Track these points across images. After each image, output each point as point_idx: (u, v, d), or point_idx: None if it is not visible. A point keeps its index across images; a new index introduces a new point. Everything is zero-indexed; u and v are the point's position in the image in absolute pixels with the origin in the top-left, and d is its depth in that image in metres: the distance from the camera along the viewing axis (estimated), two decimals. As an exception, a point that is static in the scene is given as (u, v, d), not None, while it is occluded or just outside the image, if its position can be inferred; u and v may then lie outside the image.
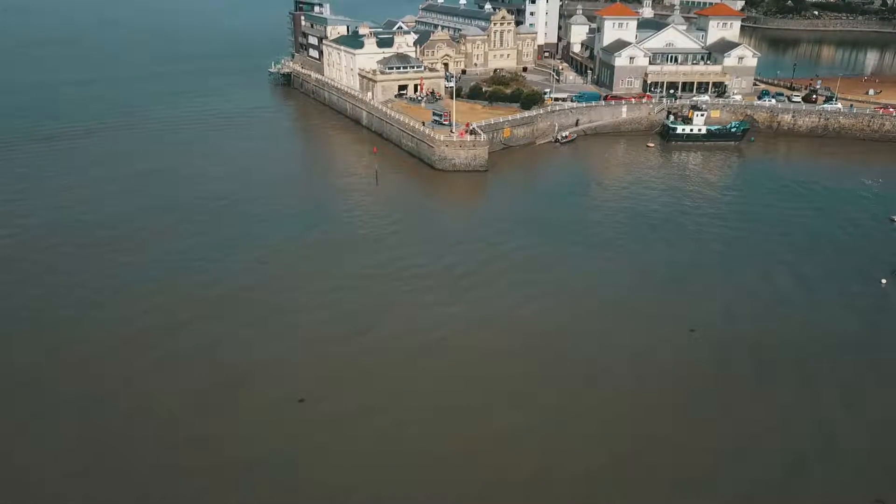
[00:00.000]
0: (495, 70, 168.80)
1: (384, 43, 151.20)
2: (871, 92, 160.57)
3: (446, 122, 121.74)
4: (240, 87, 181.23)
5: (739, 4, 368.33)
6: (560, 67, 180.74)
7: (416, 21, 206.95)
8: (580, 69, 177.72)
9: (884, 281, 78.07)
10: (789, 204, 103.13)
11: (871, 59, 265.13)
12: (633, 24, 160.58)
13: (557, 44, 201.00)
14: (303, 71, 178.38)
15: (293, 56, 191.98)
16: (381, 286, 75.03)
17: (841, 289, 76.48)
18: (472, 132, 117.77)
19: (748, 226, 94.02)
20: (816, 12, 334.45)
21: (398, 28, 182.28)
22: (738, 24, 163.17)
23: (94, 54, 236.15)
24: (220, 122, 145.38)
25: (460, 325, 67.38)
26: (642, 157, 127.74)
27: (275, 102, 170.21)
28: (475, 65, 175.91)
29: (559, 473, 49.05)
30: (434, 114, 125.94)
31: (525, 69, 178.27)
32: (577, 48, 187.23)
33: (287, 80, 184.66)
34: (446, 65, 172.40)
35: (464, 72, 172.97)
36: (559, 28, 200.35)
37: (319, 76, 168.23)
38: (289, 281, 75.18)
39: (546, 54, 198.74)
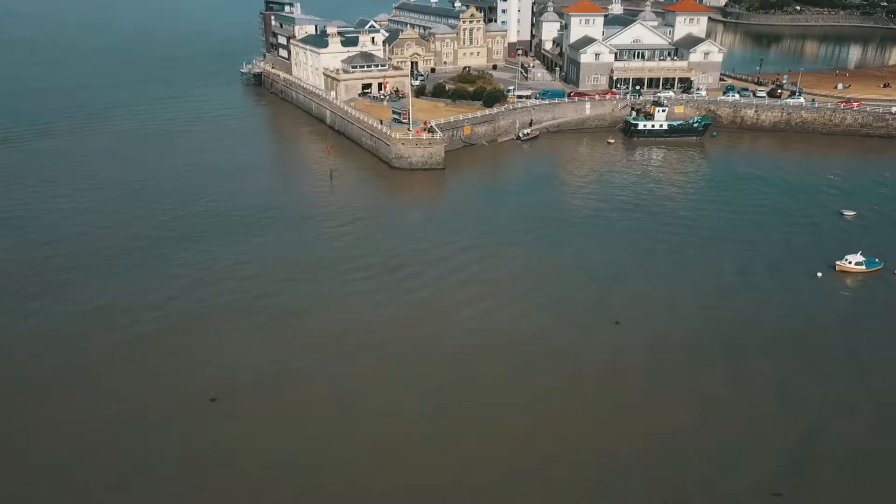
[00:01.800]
0: (465, 68, 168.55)
1: (349, 42, 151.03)
2: (840, 86, 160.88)
3: (405, 121, 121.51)
4: (210, 87, 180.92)
5: (723, 0, 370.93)
6: (532, 65, 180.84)
7: (388, 20, 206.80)
8: (551, 66, 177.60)
9: (819, 274, 78.06)
10: (743, 198, 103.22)
11: (849, 53, 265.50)
12: (600, 20, 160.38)
13: (531, 41, 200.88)
14: (272, 71, 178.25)
15: (265, 56, 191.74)
16: (318, 286, 74.81)
17: (778, 282, 76.56)
18: (430, 130, 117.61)
19: (698, 220, 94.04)
20: (798, 7, 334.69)
21: (369, 27, 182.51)
22: (704, 19, 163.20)
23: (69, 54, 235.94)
24: (184, 121, 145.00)
25: (397, 324, 66.93)
26: (602, 153, 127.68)
27: (243, 102, 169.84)
28: (445, 63, 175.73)
29: (482, 472, 49.01)
30: (394, 112, 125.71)
31: (495, 67, 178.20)
32: (548, 45, 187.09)
33: (258, 81, 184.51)
34: (415, 63, 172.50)
35: (433, 70, 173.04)
36: (532, 25, 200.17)
37: (288, 76, 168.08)
38: (226, 285, 74.49)
39: (520, 52, 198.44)
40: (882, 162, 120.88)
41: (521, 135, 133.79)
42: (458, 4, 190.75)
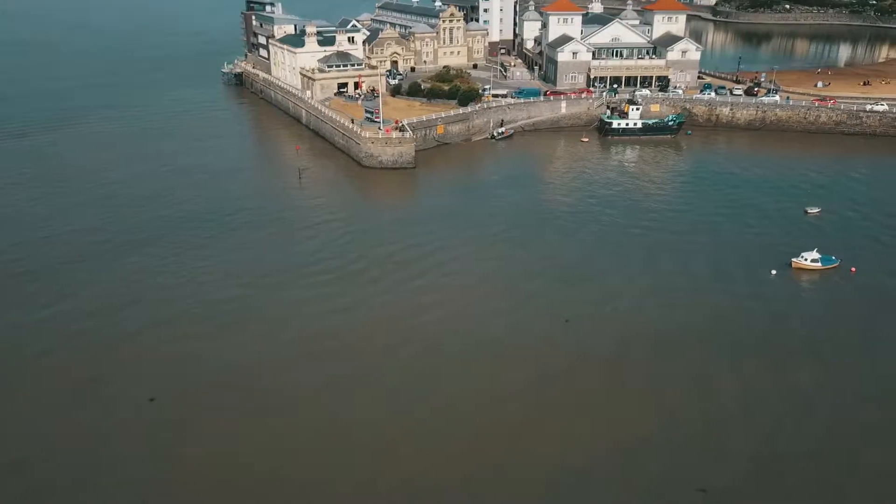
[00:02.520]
0: (444, 67, 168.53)
1: (326, 41, 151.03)
2: (820, 84, 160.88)
3: (378, 120, 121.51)
4: (191, 87, 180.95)
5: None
6: (513, 64, 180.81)
7: (371, 19, 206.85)
8: (532, 65, 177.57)
9: (774, 272, 78.02)
10: (711, 197, 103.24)
11: (838, 51, 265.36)
12: (578, 19, 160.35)
13: (514, 40, 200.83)
14: (253, 71, 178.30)
15: (246, 56, 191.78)
16: (275, 290, 74.77)
17: (733, 279, 76.51)
18: (400, 129, 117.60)
19: (663, 219, 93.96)
20: (788, 6, 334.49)
21: (351, 26, 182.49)
22: (683, 18, 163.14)
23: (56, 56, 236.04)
24: (160, 122, 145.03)
25: (356, 327, 66.58)
26: (575, 151, 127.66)
27: (222, 103, 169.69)
28: (425, 62, 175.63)
29: (433, 475, 49.07)
30: (366, 111, 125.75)
31: (475, 66, 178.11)
32: (529, 44, 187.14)
33: (239, 80, 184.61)
34: (395, 62, 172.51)
35: (413, 69, 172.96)
36: (515, 24, 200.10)
37: (267, 76, 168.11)
38: (186, 289, 74.28)
39: (503, 51, 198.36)
40: (853, 160, 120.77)
41: (495, 134, 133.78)
42: (438, 4, 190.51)
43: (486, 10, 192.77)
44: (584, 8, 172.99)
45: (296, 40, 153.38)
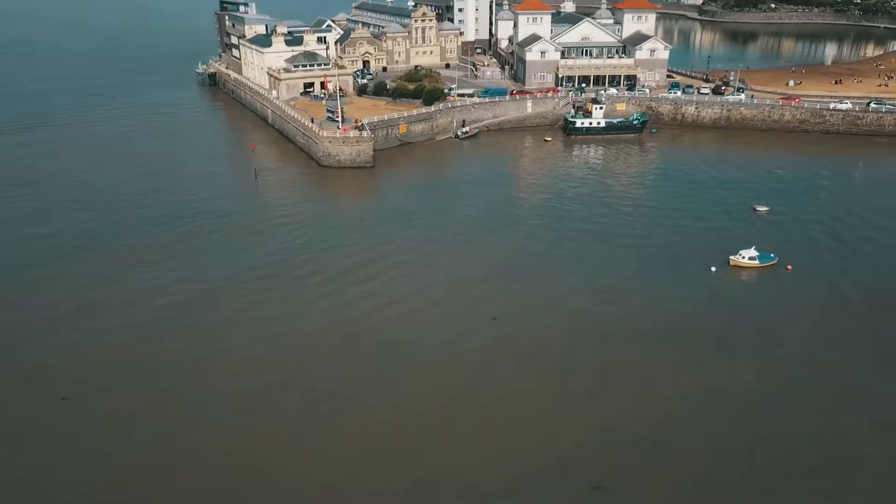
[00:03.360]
0: (416, 67, 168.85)
1: (294, 41, 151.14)
2: (791, 83, 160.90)
3: (339, 119, 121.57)
4: (165, 87, 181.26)
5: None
6: (487, 63, 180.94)
7: (347, 19, 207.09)
8: (505, 64, 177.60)
9: (713, 269, 78.07)
10: (664, 195, 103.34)
11: (823, 50, 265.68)
12: (548, 18, 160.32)
13: (490, 40, 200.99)
14: (225, 71, 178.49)
15: (220, 56, 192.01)
16: (215, 291, 74.90)
17: (670, 277, 76.51)
18: (360, 128, 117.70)
19: (614, 217, 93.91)
20: (773, 5, 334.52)
21: (326, 27, 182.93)
22: (652, 17, 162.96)
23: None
24: (127, 122, 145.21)
25: (296, 330, 66.40)
26: (537, 151, 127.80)
27: (193, 103, 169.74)
28: (397, 62, 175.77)
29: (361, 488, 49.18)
30: (328, 110, 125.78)
31: (448, 65, 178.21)
32: (504, 44, 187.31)
33: (213, 81, 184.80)
34: (367, 62, 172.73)
35: (384, 69, 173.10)
36: (491, 24, 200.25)
37: (238, 76, 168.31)
38: (125, 297, 74.19)
39: (479, 50, 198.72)
40: (812, 158, 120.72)
41: (458, 133, 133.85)
42: (411, 4, 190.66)
43: (460, 10, 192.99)
44: (556, 7, 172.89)
45: (264, 40, 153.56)
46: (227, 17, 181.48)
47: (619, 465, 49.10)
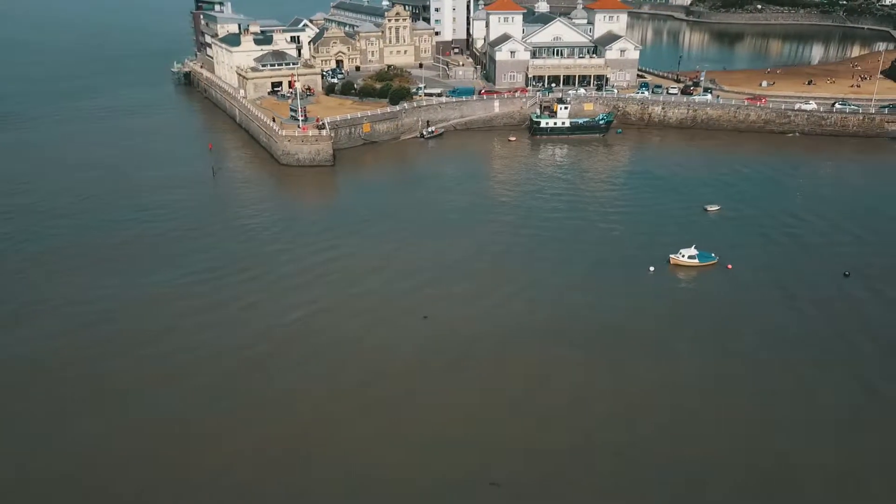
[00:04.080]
0: (388, 66, 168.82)
1: (264, 41, 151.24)
2: (765, 83, 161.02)
3: (303, 118, 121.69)
4: (140, 86, 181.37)
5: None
6: (462, 63, 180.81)
7: (324, 19, 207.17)
8: (479, 64, 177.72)
9: (652, 268, 78.16)
10: (618, 194, 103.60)
11: (808, 51, 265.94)
12: (519, 18, 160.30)
13: (467, 39, 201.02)
14: (199, 70, 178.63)
15: (196, 55, 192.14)
16: (145, 288, 75.03)
17: (608, 277, 76.51)
18: (320, 127, 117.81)
19: (564, 217, 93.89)
20: (759, 6, 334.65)
21: (302, 25, 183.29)
22: (624, 17, 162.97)
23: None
24: (94, 120, 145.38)
25: (223, 326, 66.61)
26: (501, 151, 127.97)
27: (168, 101, 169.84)
28: (370, 61, 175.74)
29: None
30: (291, 109, 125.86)
31: (421, 65, 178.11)
32: (479, 44, 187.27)
33: (188, 80, 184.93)
34: (340, 61, 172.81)
35: (357, 68, 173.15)
36: (468, 24, 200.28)
37: (210, 74, 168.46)
38: (56, 300, 74.23)
39: (456, 50, 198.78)
40: (772, 158, 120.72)
41: (424, 132, 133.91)
42: (385, 3, 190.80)
43: (437, 10, 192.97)
44: (527, 7, 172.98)
45: (234, 39, 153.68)
46: (201, 17, 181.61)
47: (517, 463, 49.16)
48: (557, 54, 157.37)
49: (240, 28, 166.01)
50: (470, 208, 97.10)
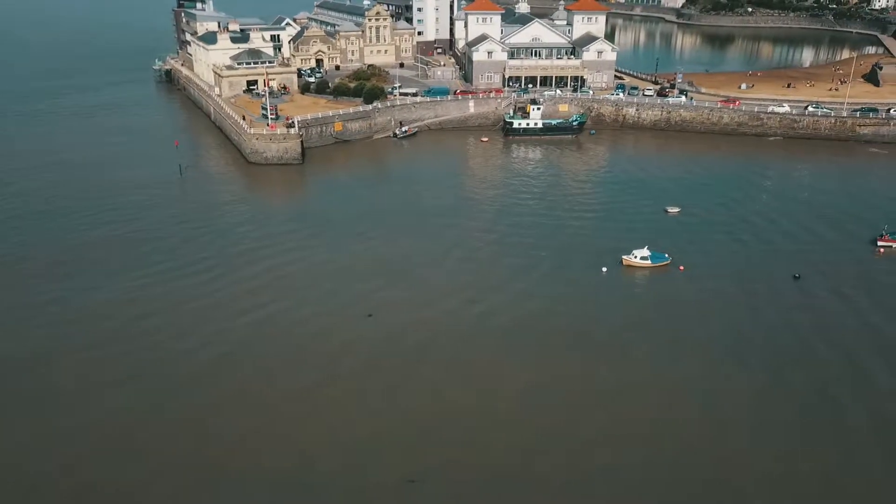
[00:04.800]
0: (369, 65, 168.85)
1: (240, 39, 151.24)
2: (744, 86, 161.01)
3: (273, 117, 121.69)
4: (122, 83, 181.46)
5: (680, 1, 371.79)
6: (442, 63, 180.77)
7: (308, 17, 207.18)
8: (460, 64, 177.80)
9: (604, 269, 78.22)
10: (582, 196, 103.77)
11: (796, 54, 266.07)
12: (497, 18, 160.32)
13: (450, 40, 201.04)
14: (179, 68, 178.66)
15: (178, 53, 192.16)
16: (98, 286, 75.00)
17: (560, 278, 76.56)
18: (290, 125, 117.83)
19: (523, 217, 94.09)
20: (749, 9, 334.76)
21: (285, 24, 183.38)
22: (602, 18, 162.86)
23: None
24: (70, 116, 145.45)
25: (171, 325, 66.72)
26: (471, 150, 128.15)
27: (148, 99, 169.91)
28: (351, 60, 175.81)
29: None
30: (262, 107, 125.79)
31: (402, 65, 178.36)
32: (461, 44, 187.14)
33: (168, 77, 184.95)
34: (320, 60, 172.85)
35: (337, 67, 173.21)
36: (451, 24, 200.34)
37: (189, 72, 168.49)
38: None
39: (439, 50, 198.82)
40: (741, 160, 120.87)
41: (397, 132, 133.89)
42: (366, 2, 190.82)
43: (419, 10, 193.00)
44: (506, 7, 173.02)
45: (211, 37, 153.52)
46: (182, 14, 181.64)
47: (436, 459, 49.20)
48: (536, 55, 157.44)
49: (219, 26, 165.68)
50: (435, 209, 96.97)
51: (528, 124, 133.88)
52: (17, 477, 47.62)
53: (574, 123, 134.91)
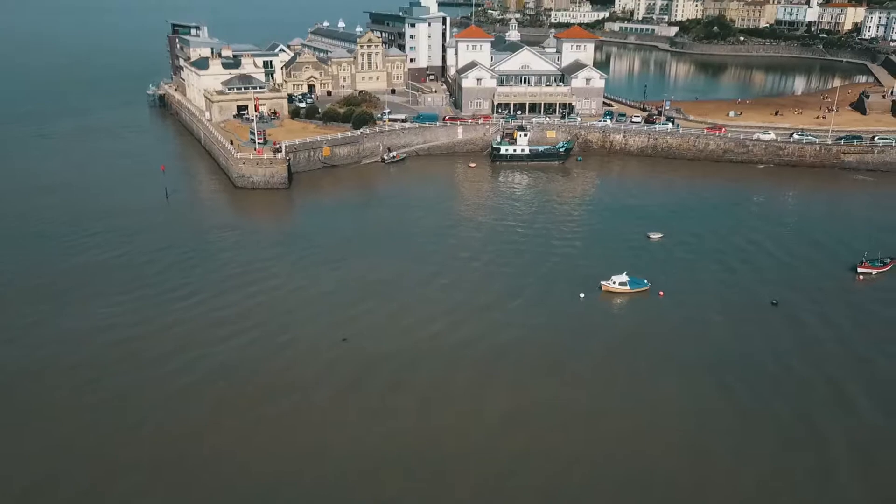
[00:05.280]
0: (360, 91, 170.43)
1: (231, 64, 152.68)
2: (732, 113, 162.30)
3: (261, 142, 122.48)
4: (119, 107, 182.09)
5: (673, 30, 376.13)
6: (434, 90, 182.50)
7: (301, 44, 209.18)
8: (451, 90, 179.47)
9: (582, 295, 78.25)
10: (566, 220, 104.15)
11: (787, 82, 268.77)
12: (487, 46, 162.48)
13: (443, 67, 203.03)
14: (172, 92, 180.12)
15: (172, 78, 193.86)
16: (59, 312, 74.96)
17: (538, 303, 76.60)
18: (277, 150, 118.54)
19: (505, 243, 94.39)
20: (741, 38, 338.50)
21: (279, 50, 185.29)
22: (591, 46, 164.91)
23: None
24: (67, 140, 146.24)
25: (138, 345, 66.98)
26: (459, 176, 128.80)
27: (141, 123, 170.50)
28: (342, 86, 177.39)
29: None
30: (251, 132, 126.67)
31: (393, 91, 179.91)
32: (452, 71, 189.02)
33: (162, 102, 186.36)
34: (312, 86, 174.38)
35: (329, 93, 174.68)
36: (444, 51, 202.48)
37: (181, 97, 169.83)
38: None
39: (431, 77, 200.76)
40: (727, 187, 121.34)
41: (385, 157, 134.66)
42: (359, 30, 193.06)
43: (412, 37, 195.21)
44: (497, 35, 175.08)
45: (203, 62, 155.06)
46: (177, 40, 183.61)
47: (409, 485, 48.84)
48: (525, 82, 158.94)
49: (212, 52, 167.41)
50: (419, 234, 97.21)
51: (514, 150, 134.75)
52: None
53: (561, 150, 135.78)
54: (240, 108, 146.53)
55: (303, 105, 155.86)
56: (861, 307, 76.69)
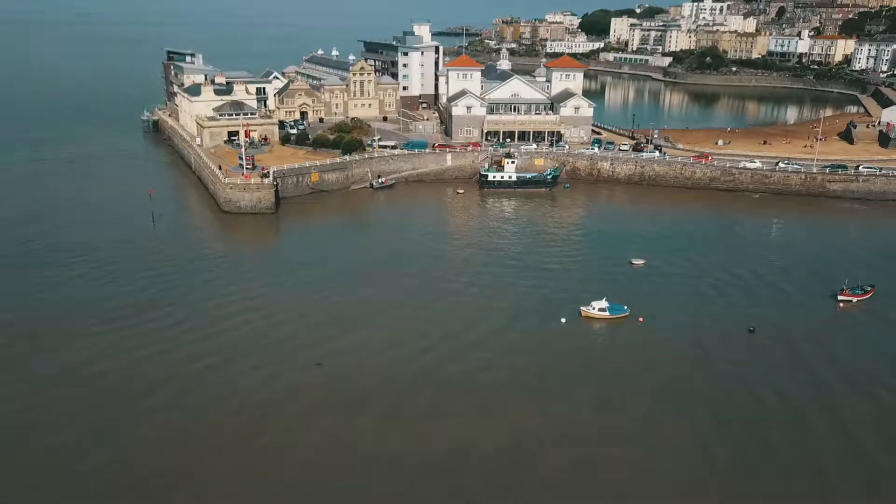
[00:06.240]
0: (352, 118, 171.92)
1: (223, 91, 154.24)
2: (721, 142, 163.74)
3: (249, 167, 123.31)
4: (113, 133, 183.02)
5: (667, 60, 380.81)
6: (425, 117, 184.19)
7: (296, 71, 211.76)
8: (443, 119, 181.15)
9: (563, 320, 78.32)
10: (550, 246, 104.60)
11: (779, 112, 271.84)
12: (477, 74, 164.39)
13: (435, 95, 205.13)
14: (166, 118, 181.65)
15: (166, 104, 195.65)
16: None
17: (519, 329, 76.61)
18: (265, 175, 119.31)
19: (487, 268, 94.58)
20: (734, 69, 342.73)
21: (273, 77, 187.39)
22: (580, 75, 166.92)
23: None
24: (55, 165, 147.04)
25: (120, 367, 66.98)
26: (446, 203, 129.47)
27: (134, 148, 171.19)
28: (335, 113, 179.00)
29: None
30: (239, 157, 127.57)
31: (385, 118, 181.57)
32: (444, 99, 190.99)
33: (156, 128, 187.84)
34: (304, 113, 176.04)
35: (321, 120, 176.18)
36: (436, 79, 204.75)
37: (175, 123, 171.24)
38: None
39: (424, 105, 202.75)
40: (712, 214, 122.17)
41: (374, 183, 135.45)
42: (352, 58, 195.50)
43: (405, 66, 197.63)
44: (490, 64, 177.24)
45: (195, 89, 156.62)
46: (171, 67, 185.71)
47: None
48: (514, 110, 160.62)
49: (206, 78, 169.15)
50: (402, 258, 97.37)
51: (502, 177, 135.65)
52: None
53: (548, 177, 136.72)
54: (231, 133, 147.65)
55: (294, 131, 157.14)
56: (839, 334, 76.73)
